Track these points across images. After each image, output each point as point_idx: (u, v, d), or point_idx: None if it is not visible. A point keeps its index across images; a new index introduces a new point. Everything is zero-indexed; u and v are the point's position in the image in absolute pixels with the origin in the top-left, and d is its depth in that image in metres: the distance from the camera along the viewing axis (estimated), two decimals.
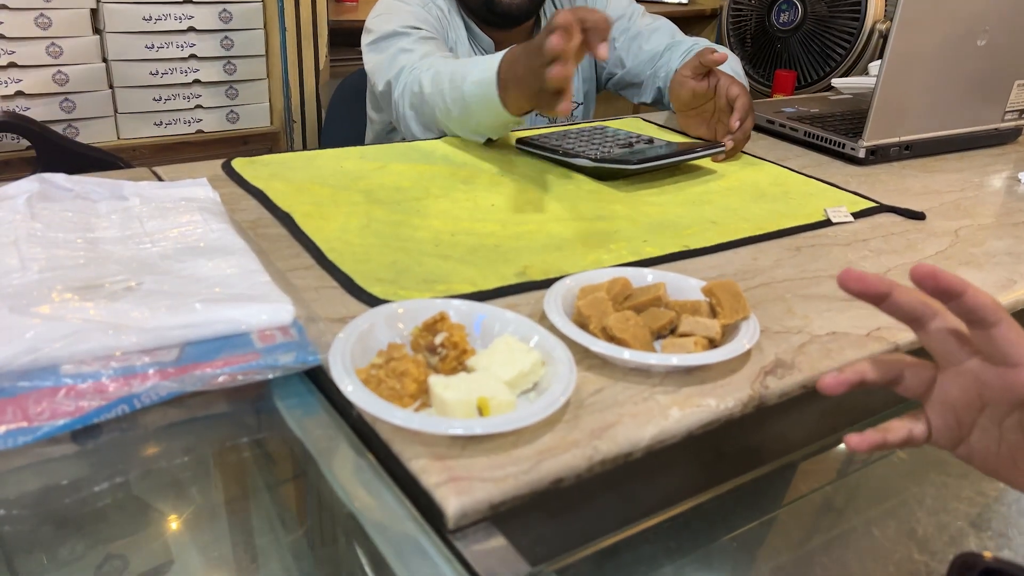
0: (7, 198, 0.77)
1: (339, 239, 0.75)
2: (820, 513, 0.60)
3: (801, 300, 0.71)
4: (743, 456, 0.60)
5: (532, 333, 0.58)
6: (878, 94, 1.04)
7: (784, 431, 0.64)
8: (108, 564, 0.51)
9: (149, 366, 0.54)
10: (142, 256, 0.68)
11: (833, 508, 0.60)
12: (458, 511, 0.45)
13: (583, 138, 1.03)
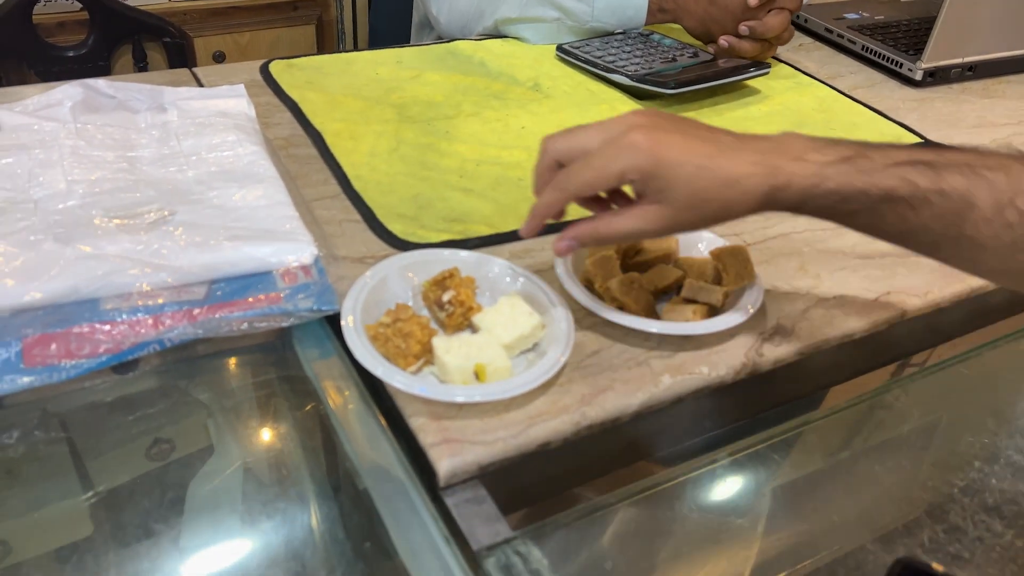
0: (53, 104, 0.80)
1: (366, 164, 0.77)
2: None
3: (816, 256, 0.71)
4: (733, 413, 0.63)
5: (537, 292, 0.60)
6: (946, 7, 0.97)
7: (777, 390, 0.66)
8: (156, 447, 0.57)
9: (179, 304, 0.58)
10: (176, 180, 0.71)
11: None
12: (448, 471, 0.50)
13: (626, 48, 1.00)
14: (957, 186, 0.48)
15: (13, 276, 0.58)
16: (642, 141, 0.51)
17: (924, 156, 0.50)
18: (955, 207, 0.49)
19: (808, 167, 0.51)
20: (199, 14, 1.76)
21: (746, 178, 0.51)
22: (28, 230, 0.62)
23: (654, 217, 0.52)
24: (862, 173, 0.50)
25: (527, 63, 0.99)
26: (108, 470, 0.57)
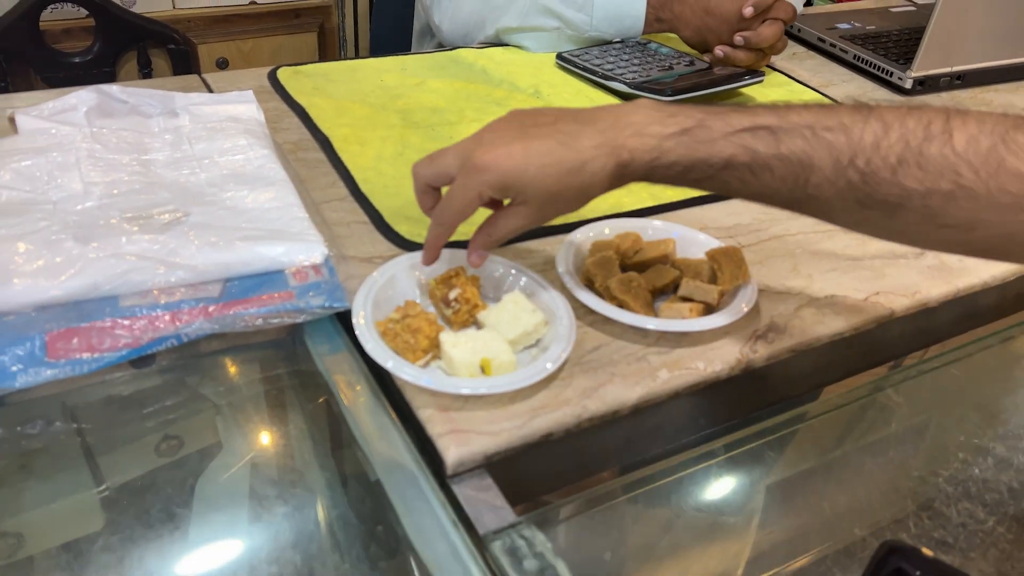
0: (68, 109, 0.82)
1: (373, 168, 0.79)
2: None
3: (808, 257, 0.74)
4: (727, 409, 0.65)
5: (540, 290, 0.62)
6: (933, 20, 1.00)
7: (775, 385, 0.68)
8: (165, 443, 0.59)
9: (196, 301, 0.61)
10: (190, 183, 0.73)
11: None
12: (456, 460, 0.52)
13: (624, 56, 1.02)
14: (795, 150, 0.51)
15: (35, 274, 0.60)
16: (486, 161, 0.55)
17: (766, 120, 0.52)
18: (795, 171, 0.52)
19: (648, 141, 0.54)
20: (203, 21, 1.78)
21: (590, 162, 0.54)
22: (48, 230, 0.65)
23: (524, 214, 0.57)
24: (701, 143, 0.53)
25: (528, 71, 1.02)
26: (120, 465, 0.59)
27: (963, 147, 0.48)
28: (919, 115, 0.50)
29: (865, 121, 0.51)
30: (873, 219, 0.53)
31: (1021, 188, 0.47)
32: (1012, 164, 0.47)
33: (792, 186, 0.53)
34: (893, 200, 0.50)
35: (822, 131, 0.51)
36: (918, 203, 0.50)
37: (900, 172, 0.49)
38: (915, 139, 0.49)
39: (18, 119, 0.78)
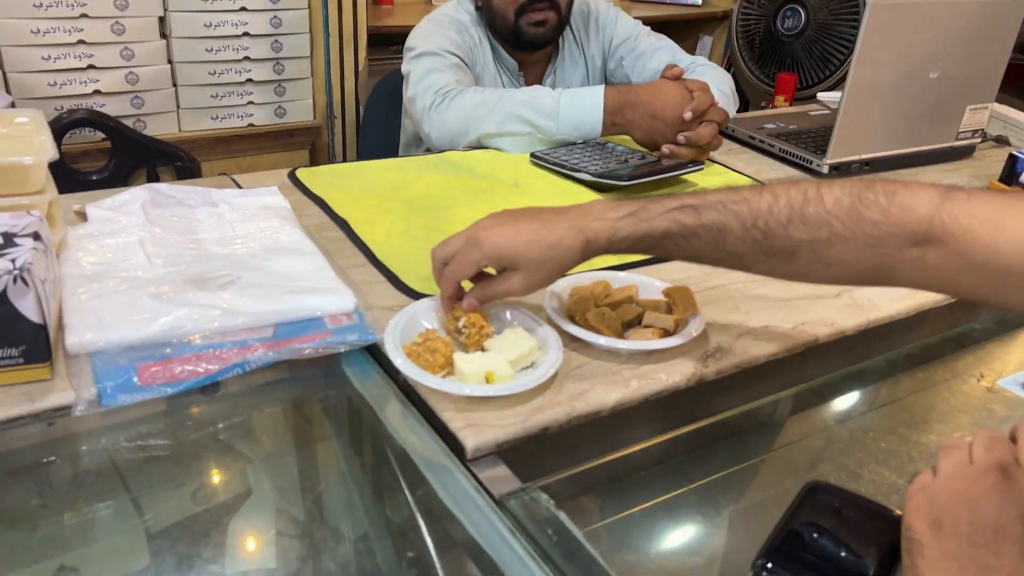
0: (126, 203, 0.98)
1: (386, 243, 0.95)
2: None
3: (746, 299, 0.90)
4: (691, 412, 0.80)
5: (534, 323, 0.78)
6: (839, 119, 1.22)
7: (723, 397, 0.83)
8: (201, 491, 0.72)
9: (254, 340, 0.75)
10: (237, 255, 0.89)
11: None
12: (474, 447, 0.66)
13: (587, 153, 1.22)
14: (713, 219, 0.69)
15: (122, 322, 0.74)
16: (485, 238, 0.73)
17: (690, 201, 0.70)
18: (715, 235, 0.69)
19: (605, 223, 0.72)
20: (206, 142, 1.98)
21: (564, 239, 0.72)
22: (126, 292, 0.79)
23: (513, 281, 0.74)
24: (643, 221, 0.71)
25: (507, 167, 1.21)
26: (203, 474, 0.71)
27: (831, 206, 0.66)
28: (799, 186, 0.68)
29: (760, 194, 0.69)
30: (777, 265, 0.70)
31: (874, 232, 0.65)
32: (867, 215, 0.65)
33: (714, 246, 0.70)
34: (788, 249, 0.68)
35: (730, 204, 0.69)
36: (806, 249, 0.67)
37: (790, 228, 0.67)
38: (797, 203, 0.67)
39: (88, 210, 0.94)
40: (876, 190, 0.65)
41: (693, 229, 0.70)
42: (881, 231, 0.64)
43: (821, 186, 0.67)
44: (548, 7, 1.40)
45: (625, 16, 1.58)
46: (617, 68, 1.55)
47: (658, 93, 1.23)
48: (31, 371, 0.68)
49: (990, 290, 0.64)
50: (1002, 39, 1.30)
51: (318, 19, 1.97)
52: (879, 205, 0.64)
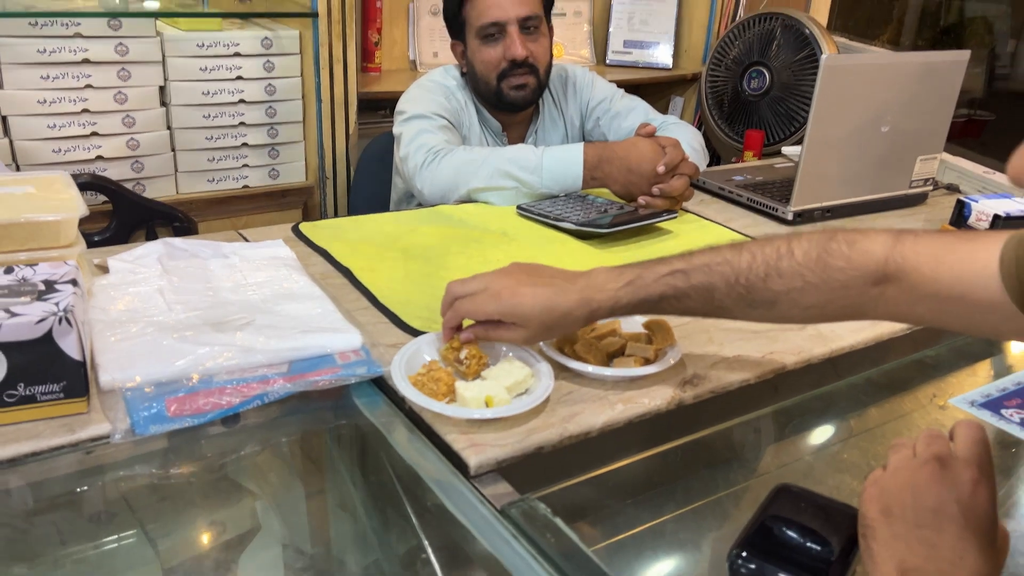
0: (143, 256, 1.05)
1: (387, 287, 1.03)
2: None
3: (719, 331, 0.98)
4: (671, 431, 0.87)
5: (526, 354, 0.85)
6: (800, 171, 1.32)
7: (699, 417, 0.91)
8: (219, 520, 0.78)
9: (272, 375, 0.82)
10: (251, 301, 0.96)
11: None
12: (476, 464, 0.73)
13: (569, 205, 1.31)
14: (702, 281, 0.78)
15: (150, 361, 0.81)
16: (503, 296, 0.80)
17: (679, 266, 0.79)
18: (704, 294, 0.78)
19: (608, 294, 0.81)
20: (203, 203, 2.06)
21: (573, 310, 0.81)
22: (151, 335, 0.86)
23: (518, 335, 0.82)
24: (640, 289, 0.80)
25: (495, 218, 1.29)
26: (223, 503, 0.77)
27: (802, 259, 0.75)
28: (772, 243, 0.77)
29: (740, 254, 0.78)
30: (760, 313, 0.79)
31: (840, 277, 0.74)
32: (833, 263, 0.74)
33: (704, 303, 0.80)
34: (769, 300, 0.77)
35: (715, 266, 0.78)
36: (784, 298, 0.76)
37: (768, 281, 0.76)
38: (772, 259, 0.76)
39: (110, 263, 1.01)
40: (839, 240, 0.74)
41: (685, 291, 0.79)
42: (846, 275, 0.73)
43: (791, 241, 0.76)
44: (527, 72, 1.51)
45: (601, 80, 1.69)
46: (594, 127, 1.66)
47: (633, 149, 1.33)
48: (70, 405, 0.74)
49: (940, 317, 0.73)
50: (945, 96, 1.42)
51: (310, 86, 2.07)
52: (842, 253, 0.74)
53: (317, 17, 1.98)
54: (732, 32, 2.52)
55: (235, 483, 0.83)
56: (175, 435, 0.76)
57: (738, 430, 0.88)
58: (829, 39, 2.36)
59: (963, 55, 1.40)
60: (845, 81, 1.30)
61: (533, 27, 1.52)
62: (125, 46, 1.85)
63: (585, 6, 2.69)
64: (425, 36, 2.44)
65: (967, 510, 0.56)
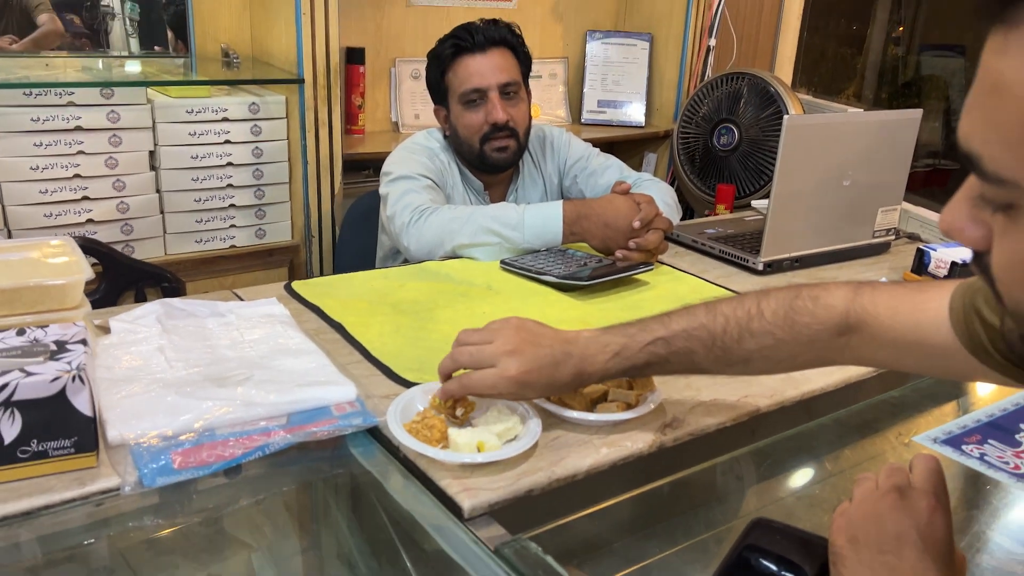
0: (141, 316, 1.09)
1: (378, 341, 1.08)
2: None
3: (697, 378, 1.03)
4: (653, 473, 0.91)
5: (515, 403, 0.90)
6: (768, 223, 1.40)
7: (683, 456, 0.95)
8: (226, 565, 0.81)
9: (272, 427, 0.86)
10: (249, 357, 1.00)
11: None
12: (470, 507, 0.77)
13: (550, 259, 1.37)
14: (681, 347, 0.84)
15: (155, 417, 0.84)
16: (513, 374, 0.82)
17: (659, 334, 0.84)
18: (685, 358, 0.84)
19: (598, 367, 0.85)
20: (191, 263, 2.10)
21: (569, 384, 0.85)
22: (155, 392, 0.90)
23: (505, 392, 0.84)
24: (627, 360, 0.85)
25: (480, 273, 1.35)
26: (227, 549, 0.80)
27: (771, 317, 0.81)
28: (743, 304, 0.83)
29: (714, 318, 0.84)
30: (738, 369, 0.86)
31: (808, 332, 0.80)
32: (799, 319, 0.80)
33: (686, 366, 0.86)
34: (744, 358, 0.83)
35: (692, 332, 0.84)
36: (758, 355, 0.82)
37: (742, 342, 0.82)
38: (743, 321, 0.82)
39: (111, 324, 1.05)
40: (803, 297, 0.81)
41: (667, 357, 0.85)
42: (812, 330, 0.79)
43: (760, 301, 0.82)
44: (508, 135, 1.59)
45: (577, 139, 1.77)
46: (572, 185, 1.73)
47: (609, 206, 1.40)
48: (81, 460, 0.78)
49: (901, 361, 0.79)
50: (902, 151, 1.51)
51: (296, 149, 2.14)
52: (808, 309, 0.80)
53: (303, 83, 2.06)
54: (701, 91, 2.64)
55: (234, 535, 0.86)
56: (177, 487, 0.79)
57: (716, 471, 0.93)
58: (793, 97, 2.48)
59: (916, 114, 1.49)
60: (807, 139, 1.38)
61: (512, 92, 1.60)
62: (117, 113, 1.91)
63: (560, 68, 2.80)
64: (407, 99, 2.53)
65: (925, 536, 0.61)
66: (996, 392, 1.08)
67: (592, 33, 2.81)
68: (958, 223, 0.46)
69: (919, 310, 0.73)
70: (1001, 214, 0.43)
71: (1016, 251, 0.43)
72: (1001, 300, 0.46)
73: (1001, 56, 0.40)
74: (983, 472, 0.90)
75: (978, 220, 0.45)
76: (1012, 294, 0.45)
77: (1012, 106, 0.40)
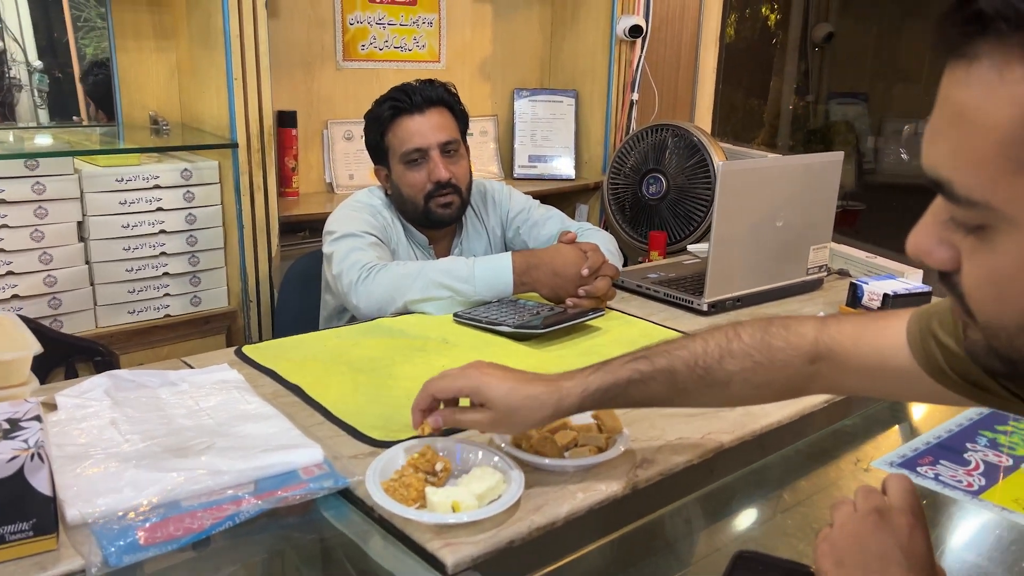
0: (88, 391, 1.05)
1: (339, 401, 1.06)
2: None
3: (660, 418, 1.05)
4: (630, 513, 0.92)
5: (493, 456, 0.89)
6: (709, 266, 1.44)
7: None
8: None
9: (240, 495, 0.83)
10: (207, 425, 0.97)
11: None
12: (453, 563, 0.76)
13: (503, 309, 1.38)
14: (663, 364, 0.85)
15: (114, 493, 0.81)
16: (472, 374, 0.87)
17: (642, 353, 0.86)
18: (668, 376, 0.85)
19: (577, 381, 0.86)
20: (124, 335, 2.03)
21: (540, 394, 0.85)
22: (113, 467, 0.86)
23: (484, 418, 0.87)
24: (609, 374, 0.86)
25: (434, 327, 1.35)
26: None
27: (748, 341, 0.84)
28: (721, 330, 0.86)
29: (694, 341, 0.86)
30: (717, 395, 0.86)
31: (782, 356, 0.83)
32: (774, 343, 0.83)
33: (668, 386, 0.85)
34: (724, 380, 0.84)
35: (674, 351, 0.86)
36: (739, 377, 0.84)
37: (723, 362, 0.84)
38: (723, 343, 0.85)
39: (58, 399, 1.01)
40: (776, 324, 0.84)
41: (651, 374, 0.85)
42: (786, 355, 0.82)
43: (737, 327, 0.85)
44: (452, 192, 1.61)
45: (517, 192, 1.81)
46: (515, 236, 1.76)
47: (557, 255, 1.43)
48: (40, 543, 0.74)
49: (866, 386, 0.83)
50: (827, 191, 1.59)
51: (231, 213, 2.11)
52: (781, 335, 0.83)
53: (237, 147, 2.04)
54: (628, 143, 2.72)
55: None
56: (143, 565, 0.76)
57: (686, 510, 0.94)
58: (715, 145, 2.58)
59: (838, 156, 1.58)
60: (741, 183, 1.44)
61: (453, 150, 1.62)
62: (42, 184, 1.85)
63: (490, 125, 2.86)
64: (340, 160, 2.53)
65: (908, 553, 0.63)
66: (939, 414, 1.13)
67: (519, 91, 2.88)
68: (925, 246, 0.49)
69: (880, 336, 0.76)
70: (972, 236, 0.46)
71: (990, 269, 0.46)
72: (972, 316, 0.49)
73: (964, 88, 0.43)
74: (940, 492, 0.93)
75: (945, 242, 0.48)
76: (983, 309, 0.48)
77: (978, 133, 0.43)
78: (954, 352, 0.70)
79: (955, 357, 0.70)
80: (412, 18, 2.63)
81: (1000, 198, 0.44)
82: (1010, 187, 0.43)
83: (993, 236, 0.45)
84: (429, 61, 2.70)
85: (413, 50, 2.66)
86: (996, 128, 0.43)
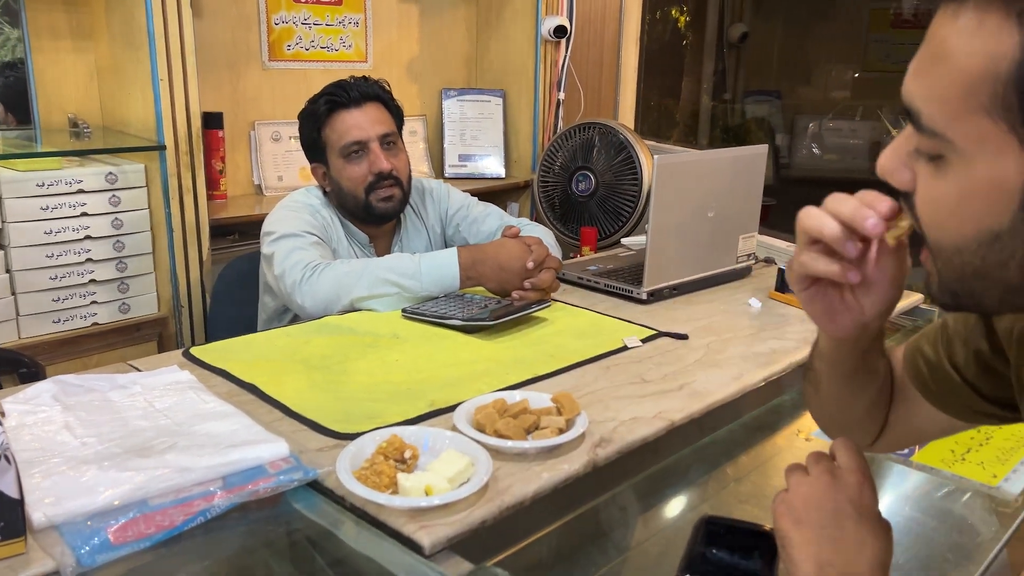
0: (32, 398, 1.02)
1: (297, 397, 1.06)
2: None
3: (613, 400, 1.09)
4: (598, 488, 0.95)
5: (462, 442, 0.91)
6: (648, 257, 1.50)
7: None
8: None
9: (208, 491, 0.83)
10: (165, 425, 0.96)
11: None
12: (430, 544, 0.78)
13: (451, 304, 1.40)
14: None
15: (79, 496, 0.80)
16: None
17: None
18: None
19: None
20: (49, 345, 1.96)
21: None
22: (71, 470, 0.84)
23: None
24: None
25: (383, 323, 1.36)
26: None
27: None
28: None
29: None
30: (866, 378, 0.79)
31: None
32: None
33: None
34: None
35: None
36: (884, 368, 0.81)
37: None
38: None
39: (4, 406, 0.98)
40: None
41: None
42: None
43: None
44: (393, 184, 1.61)
45: (455, 190, 1.83)
46: (455, 233, 1.78)
47: (502, 249, 1.46)
48: (8, 547, 0.72)
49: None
50: (754, 183, 1.67)
51: (159, 217, 2.06)
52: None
53: (165, 150, 2.00)
54: (556, 142, 2.77)
55: None
56: (114, 565, 0.75)
57: (644, 485, 0.98)
58: (641, 142, 2.66)
59: (762, 149, 1.66)
60: (675, 175, 1.50)
61: (391, 143, 1.63)
62: None
63: (419, 125, 2.87)
64: (268, 161, 2.50)
65: (858, 507, 0.68)
66: None
67: (447, 91, 2.90)
68: (890, 166, 0.56)
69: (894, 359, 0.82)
70: (931, 164, 0.53)
71: (938, 195, 0.53)
72: (926, 240, 0.55)
73: (948, 30, 0.50)
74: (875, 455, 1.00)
75: (908, 166, 0.55)
76: (931, 233, 0.55)
77: (951, 74, 0.49)
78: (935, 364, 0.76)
79: (935, 368, 0.76)
80: (338, 18, 2.62)
81: (958, 133, 0.50)
82: (967, 123, 0.49)
83: (946, 167, 0.52)
84: (356, 61, 2.69)
85: (340, 50, 2.65)
86: (967, 72, 0.49)
